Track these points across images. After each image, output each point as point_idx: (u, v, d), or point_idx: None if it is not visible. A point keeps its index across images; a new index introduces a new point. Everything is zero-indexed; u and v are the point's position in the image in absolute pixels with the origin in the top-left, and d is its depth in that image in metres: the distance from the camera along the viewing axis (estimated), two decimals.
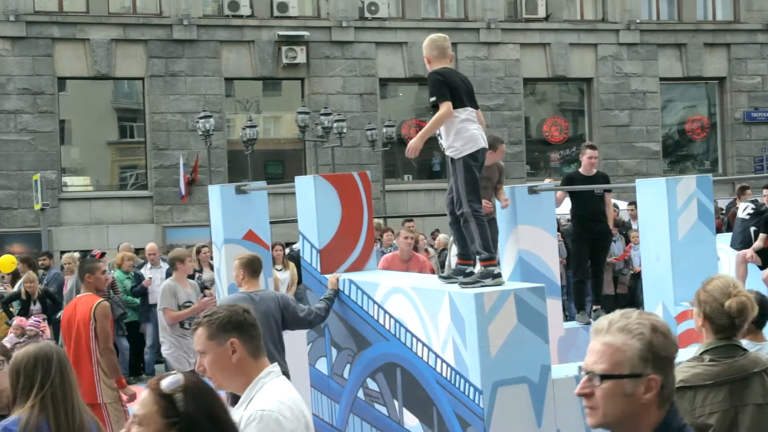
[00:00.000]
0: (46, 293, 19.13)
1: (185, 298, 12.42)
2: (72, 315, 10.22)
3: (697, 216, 10.45)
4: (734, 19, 40.97)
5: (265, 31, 35.82)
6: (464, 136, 8.90)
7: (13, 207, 33.46)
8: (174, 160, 34.87)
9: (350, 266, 10.26)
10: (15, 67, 33.68)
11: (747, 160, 39.54)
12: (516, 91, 38.24)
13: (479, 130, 9.00)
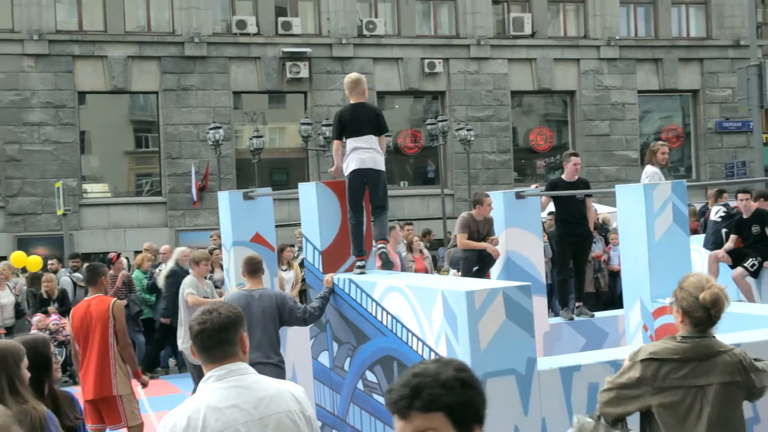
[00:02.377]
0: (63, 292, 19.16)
1: (203, 293, 12.51)
2: (85, 314, 10.20)
3: (673, 219, 10.47)
4: (707, 35, 41.02)
5: (270, 48, 35.84)
6: (348, 158, 10.26)
7: (37, 212, 33.47)
8: (186, 168, 34.90)
9: (350, 266, 10.27)
10: (38, 83, 33.70)
11: (718, 166, 39.59)
12: (504, 102, 38.27)
13: (368, 153, 10.29)
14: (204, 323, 4.40)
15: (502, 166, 37.83)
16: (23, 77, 33.67)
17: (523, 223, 13.23)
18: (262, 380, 4.48)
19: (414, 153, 38.27)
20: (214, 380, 4.32)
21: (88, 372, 10.18)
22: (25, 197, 33.63)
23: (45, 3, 33.85)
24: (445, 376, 2.88)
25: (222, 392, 4.26)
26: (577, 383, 8.02)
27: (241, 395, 4.28)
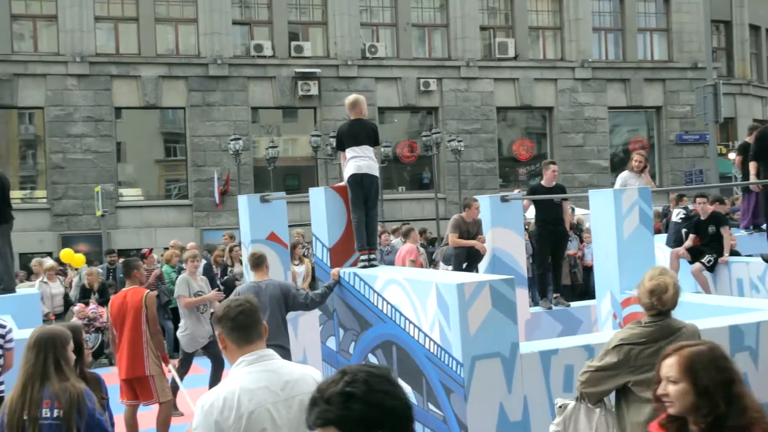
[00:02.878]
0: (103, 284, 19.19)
1: (197, 288, 12.42)
2: (122, 304, 10.28)
3: (639, 220, 10.47)
4: (668, 58, 40.98)
5: (284, 69, 35.81)
6: (347, 166, 10.25)
7: (78, 213, 33.46)
8: (210, 175, 34.90)
9: (354, 261, 10.26)
10: (80, 99, 33.69)
11: (679, 174, 39.54)
12: (490, 117, 38.23)
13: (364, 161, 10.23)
14: (242, 305, 4.44)
15: (489, 173, 37.82)
16: (67, 95, 33.66)
17: (507, 224, 13.24)
18: (287, 365, 4.50)
19: (411, 161, 38.23)
20: (245, 365, 4.32)
21: (123, 354, 10.22)
22: (69, 200, 33.62)
23: (86, 29, 33.85)
24: (330, 392, 2.67)
25: (253, 375, 4.26)
26: (555, 365, 8.01)
27: (270, 378, 4.28)
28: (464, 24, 37.98)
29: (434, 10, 38.41)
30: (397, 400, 2.67)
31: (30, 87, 33.64)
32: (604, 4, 40.48)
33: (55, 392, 5.20)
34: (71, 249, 24.81)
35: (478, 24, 38.39)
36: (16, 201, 29.85)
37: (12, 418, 5.14)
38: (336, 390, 2.66)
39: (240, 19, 36.19)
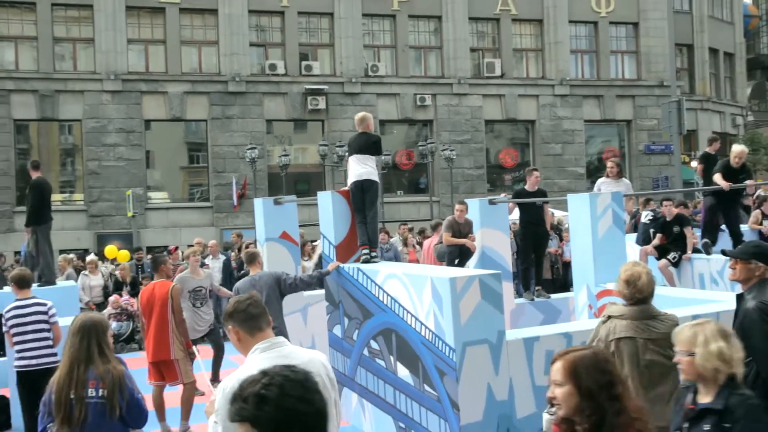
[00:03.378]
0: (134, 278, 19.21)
1: (195, 284, 12.20)
2: (150, 295, 10.30)
3: (612, 221, 10.46)
4: (637, 77, 40.98)
5: (295, 86, 35.80)
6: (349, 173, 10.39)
7: (112, 214, 33.44)
8: (228, 180, 34.90)
9: (357, 258, 10.24)
10: (114, 112, 33.69)
11: (647, 180, 39.55)
12: (479, 129, 38.23)
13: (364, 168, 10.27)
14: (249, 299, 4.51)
15: (478, 179, 37.82)
16: (102, 108, 33.64)
17: (495, 224, 13.23)
18: (297, 350, 4.50)
19: (408, 168, 38.22)
20: (260, 351, 4.34)
21: (151, 340, 10.23)
22: (103, 202, 33.60)
23: (119, 50, 33.85)
24: (248, 392, 2.63)
25: (267, 361, 4.17)
26: (537, 350, 8.01)
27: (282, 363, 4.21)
28: (456, 46, 37.99)
29: (429, 33, 38.39)
30: (309, 406, 2.62)
31: (69, 102, 33.64)
32: (580, 28, 40.49)
33: (99, 373, 5.20)
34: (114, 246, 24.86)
35: (469, 46, 38.39)
36: (56, 203, 29.95)
37: (60, 396, 5.13)
38: (253, 391, 2.63)
39: (256, 41, 36.17)
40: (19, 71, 33.39)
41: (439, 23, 38.22)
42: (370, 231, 10.21)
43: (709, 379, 4.05)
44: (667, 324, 5.47)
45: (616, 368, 3.49)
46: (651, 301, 5.62)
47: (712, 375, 4.03)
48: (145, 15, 34.80)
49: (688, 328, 4.19)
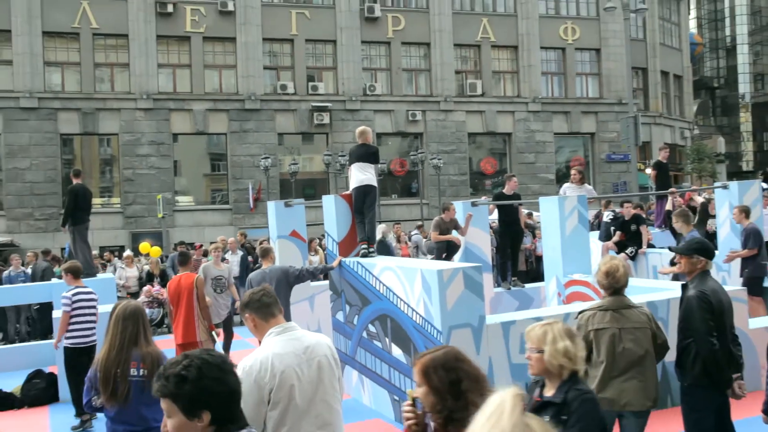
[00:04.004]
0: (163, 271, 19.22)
1: (217, 273, 12.22)
2: (178, 285, 10.33)
3: (578, 221, 10.46)
4: (600, 96, 41.06)
5: (303, 103, 35.81)
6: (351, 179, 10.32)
7: (144, 216, 33.45)
8: (245, 186, 34.89)
9: (357, 253, 10.23)
10: (146, 127, 33.71)
11: (608, 184, 39.60)
12: (463, 141, 38.25)
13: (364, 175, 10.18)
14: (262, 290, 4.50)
15: (462, 184, 37.83)
16: (136, 124, 33.63)
17: (476, 223, 13.23)
18: (306, 334, 4.46)
19: (401, 175, 38.22)
20: (274, 335, 4.32)
21: (179, 324, 10.23)
22: (137, 205, 33.59)
23: (151, 73, 33.86)
24: (170, 372, 2.65)
25: (281, 343, 4.27)
26: (513, 333, 8.01)
27: (294, 345, 4.29)
28: (443, 69, 38.00)
29: (419, 57, 38.39)
30: (224, 386, 2.64)
31: (108, 118, 33.64)
32: (550, 53, 40.52)
33: (141, 355, 5.19)
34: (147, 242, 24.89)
35: (454, 69, 38.40)
36: (96, 206, 29.96)
37: (107, 374, 5.12)
38: (174, 371, 2.63)
39: (269, 65, 36.14)
40: (65, 92, 33.38)
41: (428, 49, 38.23)
42: (368, 229, 10.20)
43: (555, 375, 3.96)
44: (639, 315, 5.46)
45: (467, 365, 3.31)
46: (625, 291, 5.62)
47: (557, 371, 3.93)
48: (173, 43, 34.79)
49: (538, 327, 4.08)
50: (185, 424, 2.61)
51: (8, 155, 32.50)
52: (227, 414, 2.64)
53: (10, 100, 32.51)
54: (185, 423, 2.61)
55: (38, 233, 31.64)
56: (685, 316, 5.67)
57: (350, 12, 36.68)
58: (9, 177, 32.54)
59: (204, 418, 2.58)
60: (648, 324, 5.43)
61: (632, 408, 5.25)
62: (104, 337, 5.44)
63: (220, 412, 2.62)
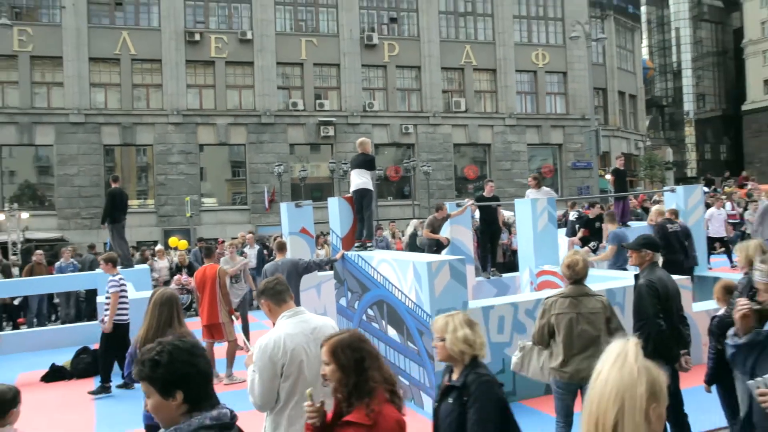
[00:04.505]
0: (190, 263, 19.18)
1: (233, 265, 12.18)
2: (203, 275, 10.36)
3: (548, 219, 10.45)
4: (566, 112, 41.05)
5: (311, 118, 35.79)
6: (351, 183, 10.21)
7: (175, 215, 33.40)
8: (261, 189, 34.85)
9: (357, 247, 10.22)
10: (176, 139, 33.69)
11: (574, 188, 39.59)
12: (449, 150, 38.22)
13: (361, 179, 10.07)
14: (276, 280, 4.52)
15: (448, 187, 37.80)
16: (167, 136, 33.61)
17: (461, 222, 13.21)
18: (313, 316, 4.48)
19: (396, 180, 38.18)
20: (286, 318, 4.34)
21: (204, 308, 10.25)
22: (168, 206, 33.55)
23: (180, 93, 33.85)
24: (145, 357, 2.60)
25: (292, 325, 4.29)
26: (492, 316, 8.00)
27: (303, 326, 4.30)
28: (431, 89, 37.98)
29: (412, 79, 38.34)
30: (193, 368, 2.58)
31: (144, 131, 33.61)
32: (524, 76, 40.48)
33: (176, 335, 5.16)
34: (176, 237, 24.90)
35: (441, 89, 38.35)
36: (133, 207, 29.98)
37: None
38: (148, 357, 2.59)
39: (282, 85, 36.08)
40: (107, 109, 33.32)
41: (419, 72, 38.18)
42: (366, 227, 10.21)
43: (458, 360, 3.85)
44: (595, 302, 5.49)
45: (368, 345, 3.36)
46: (585, 281, 5.62)
47: (459, 356, 3.82)
48: (200, 67, 34.73)
49: (441, 318, 3.98)
50: (161, 403, 2.56)
51: (59, 163, 32.53)
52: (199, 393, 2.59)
53: (62, 116, 32.51)
54: (161, 402, 2.56)
55: (84, 230, 31.59)
56: (636, 301, 5.70)
57: (352, 40, 36.65)
58: (60, 182, 32.54)
59: (177, 397, 2.54)
60: (603, 310, 5.47)
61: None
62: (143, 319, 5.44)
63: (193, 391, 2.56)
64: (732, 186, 28.21)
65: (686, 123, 78.63)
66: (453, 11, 39.22)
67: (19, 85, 32.39)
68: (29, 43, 32.31)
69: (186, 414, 2.54)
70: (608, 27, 44.33)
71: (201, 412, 2.54)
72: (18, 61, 32.32)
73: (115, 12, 34.00)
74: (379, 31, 37.56)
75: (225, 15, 35.40)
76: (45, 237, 30.53)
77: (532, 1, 40.95)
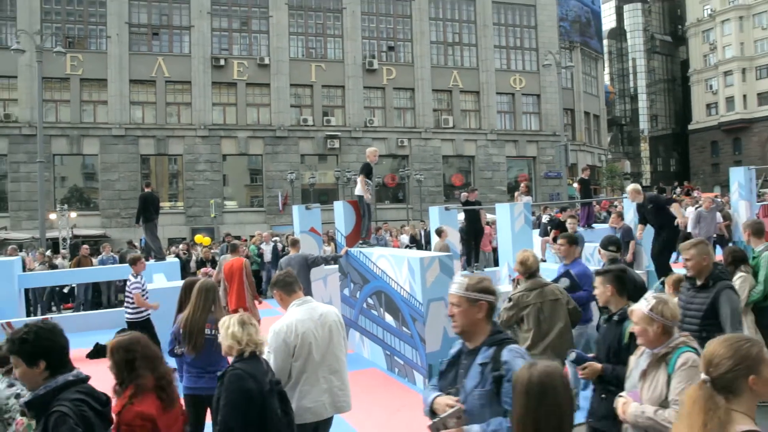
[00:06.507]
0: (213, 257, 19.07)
1: None
2: (231, 266, 10.31)
3: (524, 221, 10.38)
4: (540, 129, 41.00)
5: (319, 133, 35.71)
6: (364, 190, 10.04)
7: (201, 215, 33.31)
8: (276, 193, 34.76)
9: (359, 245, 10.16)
10: (203, 150, 33.59)
11: (546, 195, 39.47)
12: (439, 161, 38.14)
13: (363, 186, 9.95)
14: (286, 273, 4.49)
15: (437, 193, 37.72)
16: (195, 147, 33.53)
17: (449, 223, 13.12)
18: (319, 304, 4.46)
19: (393, 186, 38.12)
20: (295, 306, 4.32)
21: (233, 295, 10.29)
22: (195, 207, 33.45)
23: (207, 110, 33.76)
24: (15, 336, 2.85)
25: (301, 313, 4.27)
26: None
27: (311, 313, 4.29)
28: (424, 108, 37.92)
29: (406, 99, 38.26)
30: (54, 343, 2.85)
31: (175, 143, 33.51)
32: (503, 97, 40.42)
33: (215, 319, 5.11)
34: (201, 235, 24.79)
35: (432, 108, 38.29)
36: (165, 209, 29.88)
37: (192, 330, 5.10)
38: (18, 336, 2.84)
39: (294, 103, 35.97)
40: (144, 124, 33.23)
41: (413, 93, 38.11)
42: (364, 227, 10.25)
43: (228, 354, 3.78)
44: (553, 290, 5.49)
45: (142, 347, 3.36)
46: (538, 274, 5.57)
47: (228, 351, 3.75)
48: (224, 88, 34.64)
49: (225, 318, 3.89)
50: (27, 371, 2.81)
51: (103, 170, 32.47)
52: (58, 362, 2.85)
53: (105, 129, 32.48)
54: (27, 370, 2.81)
55: (124, 228, 31.47)
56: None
57: (355, 65, 36.58)
58: (103, 186, 32.50)
59: (40, 366, 2.80)
60: (561, 296, 5.43)
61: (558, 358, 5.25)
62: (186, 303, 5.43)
63: (54, 360, 2.83)
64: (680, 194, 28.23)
65: (642, 140, 78.76)
66: (443, 41, 39.18)
67: (70, 104, 32.40)
68: (79, 67, 32.30)
69: (49, 378, 2.80)
70: (576, 57, 44.35)
71: (62, 375, 2.82)
72: (69, 83, 32.35)
73: (152, 41, 33.93)
74: (378, 57, 37.50)
75: (246, 43, 35.32)
76: (90, 234, 30.54)
77: (510, 33, 40.94)
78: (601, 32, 53.13)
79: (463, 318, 2.92)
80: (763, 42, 62.45)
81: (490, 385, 2.75)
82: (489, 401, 2.75)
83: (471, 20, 39.75)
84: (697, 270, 4.70)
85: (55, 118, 32.13)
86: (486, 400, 2.75)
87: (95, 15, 33.23)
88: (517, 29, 41.06)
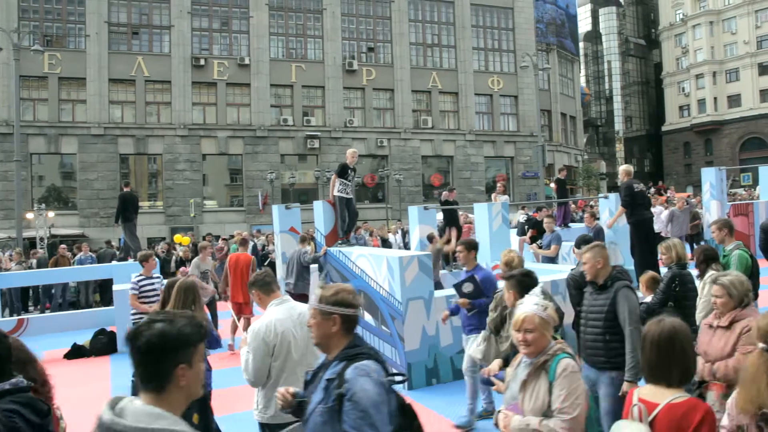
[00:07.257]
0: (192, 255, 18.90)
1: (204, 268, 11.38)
2: (237, 260, 10.58)
3: (502, 221, 10.44)
4: (517, 130, 41.26)
5: (299, 132, 35.56)
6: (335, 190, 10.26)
7: (180, 215, 32.99)
8: (256, 193, 34.55)
9: (338, 244, 10.14)
10: (182, 149, 33.25)
11: (524, 195, 39.75)
12: (418, 161, 38.20)
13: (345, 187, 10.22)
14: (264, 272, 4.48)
15: (416, 193, 37.79)
16: (175, 147, 33.19)
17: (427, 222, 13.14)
18: (297, 304, 4.42)
19: (372, 186, 38.10)
20: (274, 305, 4.30)
21: (238, 288, 10.46)
22: (175, 207, 33.13)
23: (187, 110, 33.45)
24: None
25: (281, 312, 4.25)
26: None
27: (290, 312, 4.27)
28: (403, 108, 37.95)
29: (386, 99, 38.28)
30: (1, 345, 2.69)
31: (154, 142, 33.14)
32: (482, 98, 40.59)
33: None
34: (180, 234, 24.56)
35: (411, 108, 38.34)
36: (145, 208, 29.61)
37: None
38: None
39: (274, 104, 35.79)
40: (124, 123, 32.81)
41: (392, 93, 38.12)
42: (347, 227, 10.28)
43: None
44: None
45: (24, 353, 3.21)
46: None
47: None
48: (203, 87, 34.36)
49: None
50: None
51: (82, 169, 32.01)
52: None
53: (84, 129, 32.00)
54: None
55: (102, 227, 31.07)
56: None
57: (335, 65, 36.49)
58: (82, 185, 32.04)
59: None
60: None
61: None
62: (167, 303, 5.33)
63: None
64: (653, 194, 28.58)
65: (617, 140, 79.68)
66: (422, 42, 39.25)
67: (48, 102, 31.89)
68: (57, 66, 31.81)
69: None
70: (552, 59, 44.69)
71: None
72: (48, 82, 31.84)
73: (132, 40, 33.53)
74: (358, 58, 37.45)
75: (226, 43, 35.07)
76: (68, 233, 30.11)
77: (488, 35, 41.14)
78: (577, 35, 53.63)
79: (317, 330, 2.82)
80: (732, 46, 63.55)
81: (332, 402, 2.59)
82: (330, 418, 2.58)
83: (450, 22, 39.87)
84: (593, 273, 4.70)
85: (32, 116, 31.62)
86: (327, 417, 2.59)
87: (74, 13, 32.78)
88: (495, 31, 41.27)
